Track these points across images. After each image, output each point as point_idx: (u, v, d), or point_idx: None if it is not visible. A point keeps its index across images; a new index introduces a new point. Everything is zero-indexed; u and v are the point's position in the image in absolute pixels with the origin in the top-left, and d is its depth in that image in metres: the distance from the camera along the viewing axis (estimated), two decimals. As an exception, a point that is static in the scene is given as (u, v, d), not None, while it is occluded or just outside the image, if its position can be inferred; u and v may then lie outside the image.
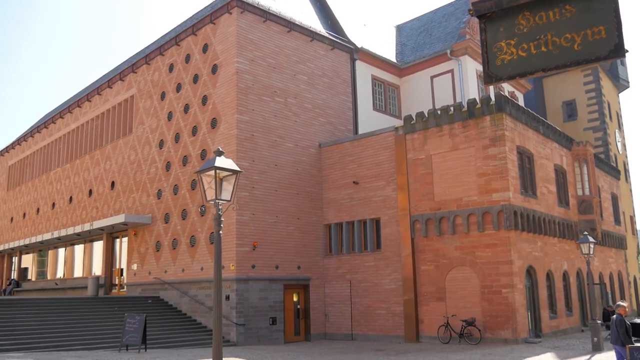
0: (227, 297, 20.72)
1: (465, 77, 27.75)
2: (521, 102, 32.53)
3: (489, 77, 4.32)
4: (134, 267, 26.54)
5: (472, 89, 27.86)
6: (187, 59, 25.33)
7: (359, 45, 27.65)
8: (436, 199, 21.21)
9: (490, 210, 19.73)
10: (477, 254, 19.96)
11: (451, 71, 28.38)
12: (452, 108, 21.59)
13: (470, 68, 28.26)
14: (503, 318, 19.09)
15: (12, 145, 43.22)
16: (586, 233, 19.42)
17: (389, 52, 30.73)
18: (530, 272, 20.79)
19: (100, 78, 40.05)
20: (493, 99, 20.51)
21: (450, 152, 21.08)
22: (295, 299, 23.11)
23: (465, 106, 21.22)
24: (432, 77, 29.12)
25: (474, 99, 21.04)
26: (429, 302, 20.97)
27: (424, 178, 21.63)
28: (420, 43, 31.24)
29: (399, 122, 26.21)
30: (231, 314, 20.52)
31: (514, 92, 32.58)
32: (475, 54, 28.52)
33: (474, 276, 19.97)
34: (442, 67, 28.76)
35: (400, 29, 34.69)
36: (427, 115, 22.05)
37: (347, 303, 23.23)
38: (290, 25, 24.57)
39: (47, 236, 32.09)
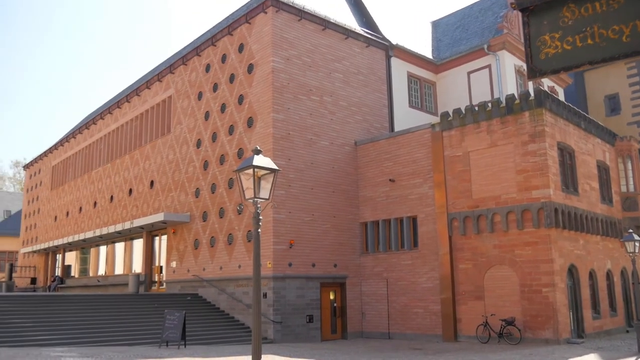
0: (265, 295, 20.87)
1: (503, 72, 27.27)
2: (561, 97, 31.80)
3: (532, 71, 4.22)
4: (173, 264, 26.98)
5: (510, 85, 27.36)
6: (224, 58, 25.59)
7: (394, 42, 27.46)
8: (474, 197, 20.92)
9: (530, 208, 19.35)
10: (517, 253, 19.60)
11: (488, 66, 27.93)
12: (489, 104, 21.25)
13: (508, 63, 27.76)
14: (544, 318, 18.71)
15: (55, 146, 44.45)
16: (631, 231, 18.86)
17: (424, 48, 30.44)
18: (572, 271, 20.32)
19: (139, 79, 40.82)
20: (532, 94, 20.10)
21: (488, 148, 20.75)
22: (331, 297, 23.12)
23: (504, 102, 20.86)
24: (468, 73, 28.71)
25: (513, 95, 20.67)
26: (467, 301, 20.71)
27: (461, 175, 21.36)
28: (457, 38, 30.84)
29: (435, 119, 25.94)
30: (268, 312, 20.66)
31: (553, 87, 31.87)
32: (513, 49, 28.00)
33: (513, 275, 19.63)
34: (479, 62, 28.33)
35: (436, 24, 34.31)
36: (464, 112, 21.76)
37: (383, 301, 23.12)
38: (325, 24, 24.57)
39: (89, 234, 32.91)
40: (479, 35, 29.21)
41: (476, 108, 21.53)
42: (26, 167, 52.47)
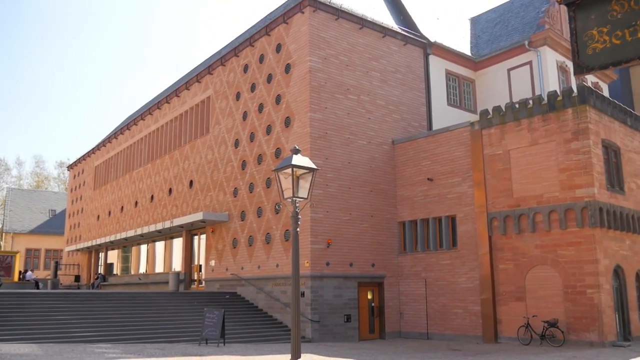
0: (302, 294, 20.92)
1: (545, 69, 26.68)
2: (606, 93, 30.93)
3: (579, 67, 4.11)
4: (212, 263, 27.33)
5: (552, 81, 26.75)
6: (261, 59, 25.77)
7: (432, 40, 27.17)
8: (515, 196, 20.53)
9: (574, 207, 18.87)
10: (559, 253, 19.15)
11: (529, 63, 27.37)
12: (531, 101, 20.82)
13: (550, 59, 27.14)
14: (588, 319, 18.22)
15: (97, 147, 45.57)
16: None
17: (463, 45, 30.03)
18: (617, 272, 19.73)
19: (178, 80, 41.50)
20: (575, 90, 19.60)
21: (530, 146, 20.33)
22: (369, 296, 23.04)
23: (545, 99, 20.40)
24: (509, 70, 28.19)
25: (555, 91, 20.19)
26: (508, 301, 20.33)
27: (501, 174, 20.99)
28: (496, 35, 30.32)
29: (474, 117, 25.52)
30: (306, 311, 20.71)
31: (597, 82, 31.04)
32: (555, 45, 27.37)
33: (555, 275, 19.18)
34: (519, 59, 27.79)
35: (474, 21, 33.81)
36: (504, 109, 21.37)
37: (422, 301, 22.91)
38: (362, 22, 24.48)
39: (130, 233, 33.63)
40: (519, 32, 28.65)
41: (517, 105, 21.12)
42: (70, 167, 53.96)
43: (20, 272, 37.98)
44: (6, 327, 17.82)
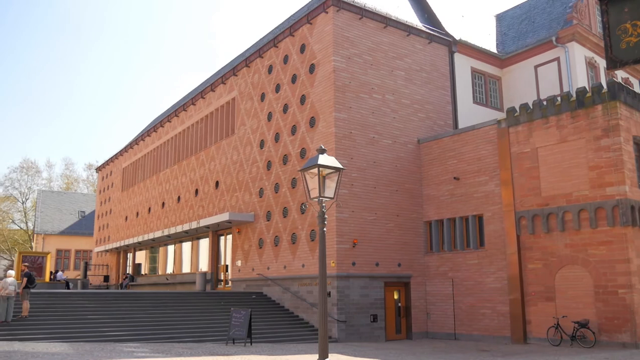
0: (329, 294, 20.91)
1: (573, 65, 26.22)
2: (637, 89, 30.25)
3: (612, 61, 4.01)
4: (238, 263, 27.49)
5: (580, 77, 26.28)
6: (285, 59, 25.84)
7: (457, 38, 26.92)
8: (543, 194, 20.21)
9: (604, 206, 18.50)
10: (590, 252, 18.79)
11: (557, 59, 26.93)
12: (559, 98, 20.47)
13: (578, 55, 26.67)
14: (620, 320, 17.85)
15: (125, 149, 46.21)
16: None
17: (489, 42, 29.69)
18: (650, 272, 19.27)
19: (203, 82, 41.85)
20: (605, 86, 19.20)
21: (558, 144, 20.00)
22: (395, 296, 22.92)
23: (574, 95, 20.05)
24: (535, 67, 27.78)
25: (584, 88, 19.82)
26: (537, 302, 20.03)
27: (529, 172, 20.69)
28: (523, 31, 29.91)
29: (501, 115, 25.29)
30: (332, 311, 20.69)
31: (628, 78, 30.36)
32: (583, 40, 26.90)
33: (586, 275, 18.83)
34: (546, 55, 27.37)
35: (500, 18, 33.41)
36: (531, 107, 21.06)
37: (449, 301, 22.71)
38: (386, 21, 24.37)
39: (158, 234, 34.03)
40: (546, 28, 28.22)
41: (544, 102, 20.80)
42: (98, 169, 54.84)
43: (51, 272, 38.73)
44: (38, 326, 18.19)
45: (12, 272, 19.36)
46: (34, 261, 34.65)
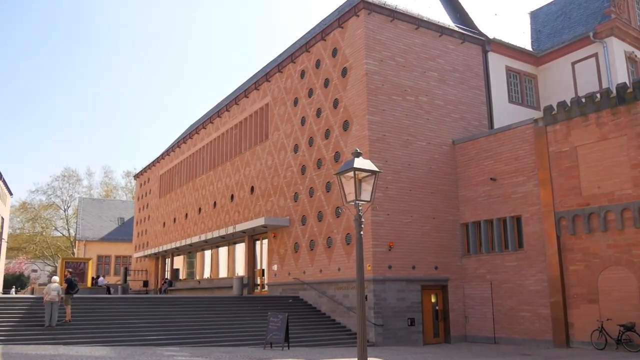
0: (365, 298, 20.80)
1: (612, 61, 25.54)
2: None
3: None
4: (274, 267, 27.61)
5: (620, 73, 25.57)
6: (318, 64, 25.90)
7: (490, 36, 26.55)
8: (583, 194, 19.73)
9: (648, 205, 17.93)
10: (635, 253, 18.24)
11: (595, 55, 26.27)
12: (598, 95, 19.98)
13: (618, 50, 25.96)
14: (668, 323, 17.25)
15: (162, 156, 46.99)
16: None
17: (523, 40, 29.19)
18: (699, 273, 18.59)
19: (237, 89, 42.27)
20: (647, 82, 18.65)
21: (598, 142, 19.50)
22: (433, 300, 22.67)
23: (614, 91, 19.53)
24: (572, 64, 27.16)
25: (624, 83, 19.29)
26: (579, 304, 19.53)
27: (568, 172, 20.22)
28: (558, 28, 29.30)
29: (537, 114, 24.79)
30: (369, 315, 20.58)
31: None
32: (622, 35, 26.19)
33: (631, 277, 18.28)
34: (584, 51, 26.74)
35: (534, 15, 32.81)
36: (569, 105, 20.60)
37: (488, 304, 22.34)
38: (417, 22, 24.20)
39: (195, 239, 34.47)
40: (583, 23, 27.59)
41: (583, 100, 20.32)
42: (136, 176, 55.90)
43: (92, 278, 39.58)
44: (81, 330, 18.62)
45: (56, 278, 19.88)
46: (76, 267, 35.48)
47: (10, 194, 60.33)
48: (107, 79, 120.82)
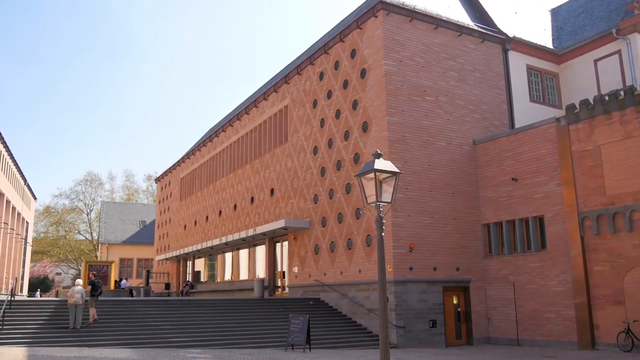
0: (387, 299, 20.70)
1: (636, 57, 25.10)
2: None
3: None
4: (295, 269, 27.63)
5: (644, 70, 25.12)
6: (336, 65, 25.88)
7: (510, 35, 26.28)
8: (608, 193, 19.41)
9: (675, 204, 17.59)
10: (661, 253, 17.90)
11: (618, 52, 25.85)
12: (622, 92, 19.65)
13: (642, 46, 25.51)
14: (697, 324, 16.89)
15: (182, 160, 47.36)
16: None
17: (544, 38, 28.84)
18: None
19: (256, 91, 42.45)
20: (672, 78, 18.31)
21: (623, 140, 19.18)
22: (455, 301, 22.48)
23: (638, 89, 19.19)
24: (595, 61, 26.77)
25: (649, 81, 18.96)
26: (604, 305, 19.21)
27: (592, 171, 19.92)
28: (580, 25, 28.90)
29: (559, 113, 24.47)
30: (391, 316, 20.48)
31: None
32: (646, 31, 25.71)
33: (658, 277, 17.93)
34: (606, 48, 26.33)
35: (555, 12, 32.41)
36: (592, 103, 20.30)
37: (510, 306, 22.09)
38: (436, 22, 24.06)
39: (216, 242, 34.68)
40: (605, 20, 27.17)
41: (606, 98, 20.00)
42: (157, 180, 56.41)
43: (115, 280, 40.01)
44: (105, 332, 18.83)
45: (79, 281, 20.14)
46: (99, 270, 35.86)
47: (35, 198, 61.33)
48: (128, 83, 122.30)
